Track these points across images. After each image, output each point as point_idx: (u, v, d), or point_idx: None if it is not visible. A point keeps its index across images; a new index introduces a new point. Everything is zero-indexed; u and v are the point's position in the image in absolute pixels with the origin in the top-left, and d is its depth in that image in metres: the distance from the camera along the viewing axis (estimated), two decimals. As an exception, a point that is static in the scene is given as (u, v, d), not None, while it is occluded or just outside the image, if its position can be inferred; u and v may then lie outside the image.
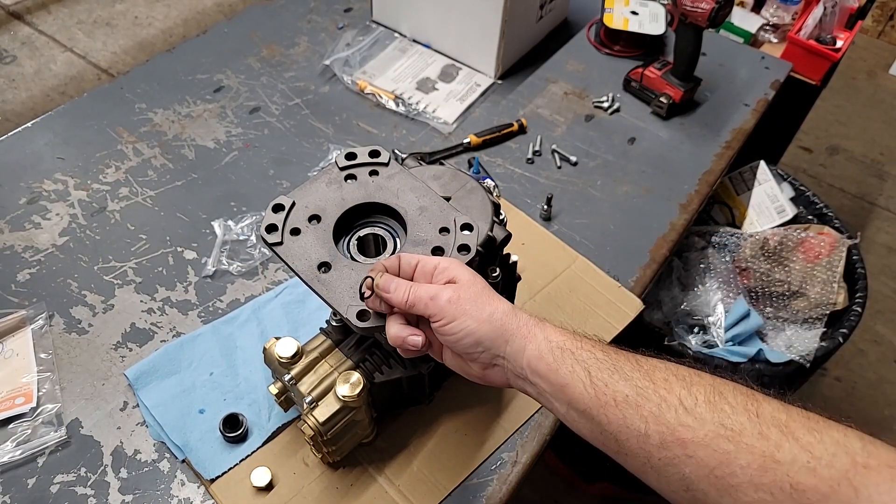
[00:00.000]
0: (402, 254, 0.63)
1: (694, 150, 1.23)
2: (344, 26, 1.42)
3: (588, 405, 0.51)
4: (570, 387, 0.52)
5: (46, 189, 1.07)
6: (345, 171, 0.73)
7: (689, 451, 0.45)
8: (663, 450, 0.46)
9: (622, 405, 0.49)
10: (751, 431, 0.44)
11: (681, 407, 0.46)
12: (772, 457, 0.42)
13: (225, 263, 0.99)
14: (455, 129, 1.23)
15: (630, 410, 0.48)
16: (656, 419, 0.47)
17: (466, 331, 0.56)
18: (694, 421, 0.46)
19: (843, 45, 1.66)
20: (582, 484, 1.76)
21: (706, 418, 0.45)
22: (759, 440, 0.43)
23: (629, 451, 0.49)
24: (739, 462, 0.43)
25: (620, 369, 0.51)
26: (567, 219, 1.09)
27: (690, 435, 0.45)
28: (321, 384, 0.71)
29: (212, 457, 0.79)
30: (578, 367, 0.52)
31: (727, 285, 1.35)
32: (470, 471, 0.80)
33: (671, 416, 0.46)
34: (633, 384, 0.49)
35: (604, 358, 0.52)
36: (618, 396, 0.49)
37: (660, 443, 0.46)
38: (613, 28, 1.36)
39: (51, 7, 2.45)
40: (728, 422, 0.44)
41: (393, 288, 0.59)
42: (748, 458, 0.43)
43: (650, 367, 0.51)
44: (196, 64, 1.30)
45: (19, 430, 0.81)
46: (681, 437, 0.46)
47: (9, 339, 0.89)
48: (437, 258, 0.61)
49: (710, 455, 0.44)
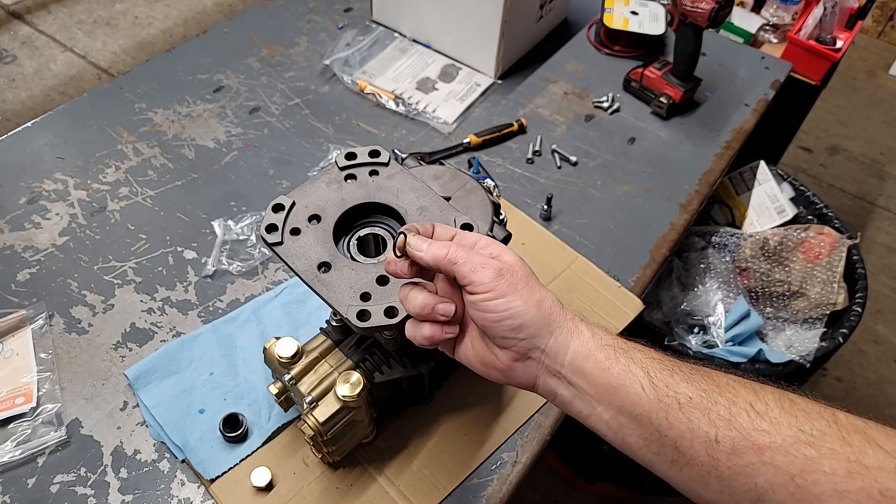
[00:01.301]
0: (437, 223, 0.57)
1: (694, 150, 1.23)
2: (344, 26, 1.42)
3: (646, 409, 0.47)
4: (625, 388, 0.47)
5: (46, 189, 1.07)
6: (345, 170, 0.73)
7: (766, 457, 0.42)
8: (735, 457, 0.43)
9: (687, 408, 0.45)
10: (832, 436, 0.41)
11: (752, 410, 0.43)
12: (858, 462, 0.39)
13: (225, 263, 0.99)
14: (455, 129, 1.23)
15: (696, 413, 0.44)
16: (727, 423, 0.43)
17: (513, 311, 0.50)
18: (769, 425, 0.42)
19: (843, 45, 1.66)
20: (582, 484, 1.76)
21: (782, 423, 0.42)
22: (843, 445, 0.40)
23: (692, 458, 0.45)
24: (823, 468, 0.40)
25: (680, 371, 0.47)
26: (567, 219, 1.09)
27: (768, 440, 0.42)
28: (321, 384, 0.71)
29: (212, 457, 0.79)
30: (635, 366, 0.48)
31: (727, 285, 1.35)
32: (470, 471, 0.80)
33: (744, 420, 0.43)
34: (697, 386, 0.46)
35: (661, 359, 0.48)
36: (681, 399, 0.45)
37: (731, 449, 0.43)
38: (613, 28, 1.36)
39: (51, 7, 2.45)
40: (806, 427, 0.41)
41: (427, 245, 0.52)
42: (833, 463, 0.40)
43: (707, 371, 0.47)
44: (196, 64, 1.30)
45: (19, 430, 0.81)
46: (756, 442, 0.42)
47: (9, 338, 0.89)
48: (476, 234, 0.55)
49: (790, 461, 0.41)
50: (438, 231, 0.56)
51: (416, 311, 0.54)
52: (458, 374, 0.87)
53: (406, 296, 0.56)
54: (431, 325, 0.55)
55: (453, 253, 0.51)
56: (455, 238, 0.55)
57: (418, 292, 0.55)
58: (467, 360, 0.57)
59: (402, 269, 0.55)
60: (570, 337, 0.51)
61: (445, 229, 0.57)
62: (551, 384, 0.53)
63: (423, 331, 0.55)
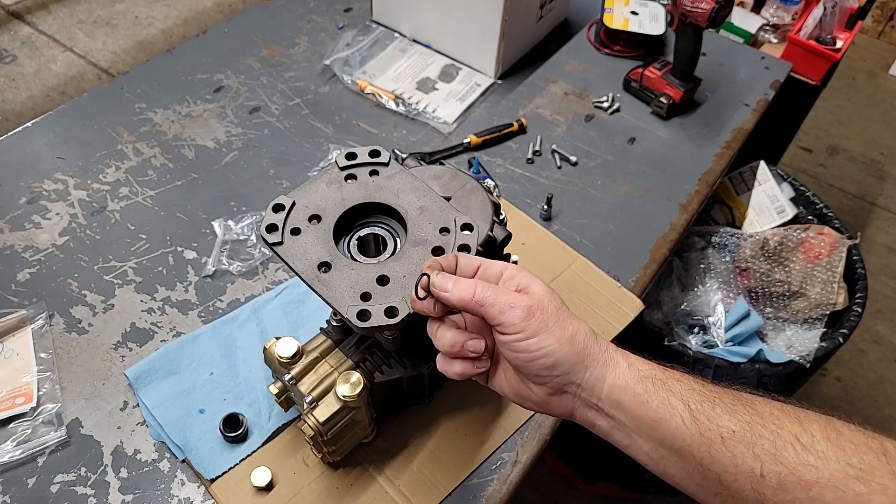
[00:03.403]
0: (460, 254, 0.56)
1: (694, 150, 1.23)
2: (344, 26, 1.42)
3: (688, 442, 0.46)
4: (665, 422, 0.47)
5: (46, 189, 1.07)
6: (345, 170, 0.73)
7: (814, 493, 0.41)
8: (781, 492, 0.42)
9: (730, 442, 0.44)
10: (882, 470, 0.40)
11: (798, 444, 0.42)
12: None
13: (225, 263, 0.99)
14: (455, 129, 1.23)
15: (740, 448, 0.44)
16: (773, 458, 0.43)
17: (546, 350, 0.49)
18: (817, 460, 0.41)
19: (843, 46, 1.66)
20: (582, 484, 1.76)
21: (829, 456, 0.41)
22: (893, 480, 0.40)
23: (736, 492, 0.44)
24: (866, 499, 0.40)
25: (722, 402, 0.46)
26: (567, 219, 1.09)
27: (815, 476, 0.41)
28: (321, 384, 0.71)
29: (212, 457, 0.79)
30: (675, 398, 0.47)
31: (727, 285, 1.35)
32: (470, 471, 0.80)
33: (790, 454, 0.42)
34: (740, 418, 0.45)
35: (701, 389, 0.47)
36: (724, 432, 0.44)
37: (777, 484, 0.42)
38: (613, 28, 1.36)
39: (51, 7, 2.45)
40: (855, 460, 0.41)
41: (452, 284, 0.51)
42: (883, 499, 0.39)
43: (749, 400, 0.46)
44: (196, 64, 1.30)
45: (19, 430, 0.81)
46: (803, 478, 0.41)
47: (9, 338, 0.89)
48: (502, 263, 0.54)
49: (838, 497, 0.40)
50: (462, 263, 0.55)
51: (446, 349, 0.54)
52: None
53: (434, 333, 0.55)
54: (462, 361, 0.54)
55: (480, 294, 0.50)
56: (479, 270, 0.54)
57: (446, 330, 0.54)
58: (502, 391, 0.56)
59: (427, 309, 0.54)
60: (605, 370, 0.50)
61: (469, 260, 0.55)
62: (589, 416, 0.52)
63: (455, 367, 0.54)
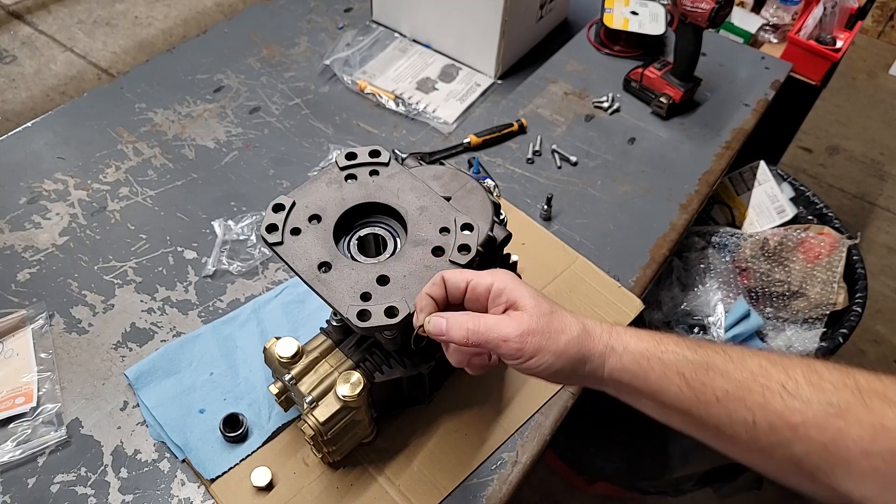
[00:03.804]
0: (445, 274, 0.58)
1: (694, 150, 1.23)
2: (344, 26, 1.42)
3: (686, 405, 0.51)
4: (664, 391, 0.52)
5: (46, 189, 1.07)
6: (345, 170, 0.73)
7: (801, 432, 0.46)
8: (772, 434, 0.48)
9: (724, 400, 0.49)
10: (856, 405, 0.45)
11: (784, 391, 0.47)
12: (881, 426, 0.44)
13: (225, 263, 0.99)
14: (455, 129, 1.23)
15: (734, 404, 0.49)
16: (763, 408, 0.48)
17: (545, 365, 0.54)
18: (801, 404, 0.47)
19: (843, 46, 1.66)
20: (582, 484, 1.76)
21: (812, 399, 0.47)
22: (867, 413, 0.45)
23: (732, 437, 0.50)
24: (851, 436, 0.45)
25: (713, 365, 0.50)
26: (567, 219, 1.09)
27: (801, 418, 0.46)
28: (321, 384, 0.71)
29: (212, 457, 0.79)
30: (670, 370, 0.51)
31: (727, 285, 1.35)
32: (470, 471, 0.80)
33: (778, 402, 0.47)
34: (731, 378, 0.50)
35: (693, 357, 0.51)
36: (718, 393, 0.49)
37: (768, 428, 0.48)
38: (613, 28, 1.36)
39: (51, 7, 2.45)
40: (834, 399, 0.46)
41: (446, 328, 0.55)
42: (859, 431, 0.45)
43: (739, 356, 0.51)
44: (196, 64, 1.30)
45: (19, 430, 0.81)
46: (790, 420, 0.47)
47: (9, 338, 0.89)
48: (487, 275, 0.56)
49: (821, 433, 0.46)
50: (451, 285, 0.58)
51: (455, 364, 0.59)
52: (458, 374, 0.87)
53: (446, 351, 0.59)
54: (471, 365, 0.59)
55: (472, 337, 0.54)
56: (468, 290, 0.57)
57: (453, 351, 0.58)
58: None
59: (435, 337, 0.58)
60: (603, 360, 0.54)
61: (457, 280, 0.57)
62: (597, 387, 0.57)
63: (469, 370, 0.60)
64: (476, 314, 0.55)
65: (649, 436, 1.47)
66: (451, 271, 0.59)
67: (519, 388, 0.87)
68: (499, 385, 0.88)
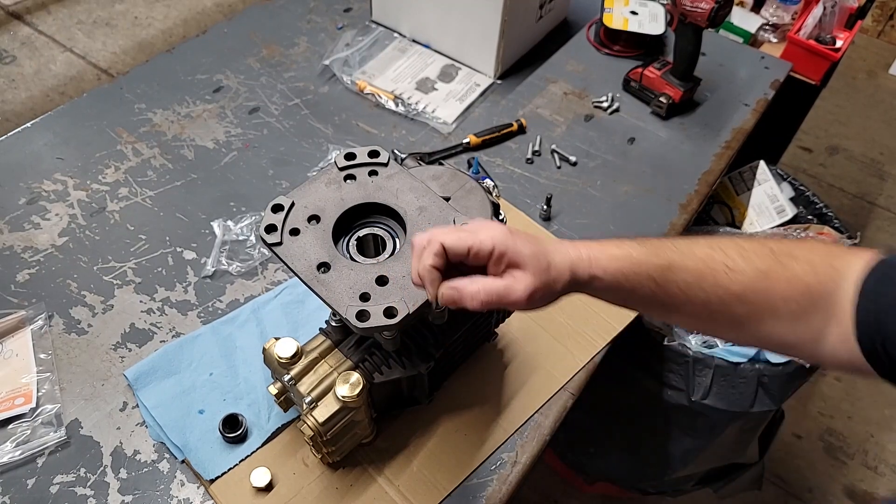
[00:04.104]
0: (444, 241, 0.58)
1: (694, 150, 1.23)
2: (344, 26, 1.42)
3: (657, 301, 0.62)
4: (638, 294, 0.62)
5: (46, 189, 1.07)
6: (344, 171, 0.73)
7: (743, 297, 0.59)
8: (721, 305, 0.60)
9: (686, 289, 0.60)
10: (775, 266, 0.59)
11: (727, 269, 0.59)
12: (793, 276, 0.58)
13: (224, 264, 0.99)
14: (454, 129, 1.23)
15: (693, 290, 0.60)
16: (714, 287, 0.60)
17: (544, 307, 0.61)
18: (739, 275, 0.59)
19: (842, 45, 1.66)
20: (582, 484, 1.76)
21: (746, 270, 0.59)
22: (783, 270, 0.58)
23: (691, 315, 0.62)
24: (776, 291, 0.59)
25: (673, 264, 0.61)
26: (567, 219, 1.09)
27: (740, 287, 0.59)
28: (321, 384, 0.71)
29: (211, 457, 0.79)
30: (642, 278, 0.61)
31: (727, 285, 1.34)
32: (470, 471, 0.80)
33: (724, 279, 0.59)
34: (688, 270, 0.60)
35: (657, 261, 0.61)
36: (681, 285, 0.60)
37: (719, 301, 0.60)
38: (613, 28, 1.36)
39: (51, 7, 2.45)
40: (760, 265, 0.59)
41: (459, 298, 0.58)
42: (781, 286, 0.58)
43: (688, 247, 0.62)
44: (196, 64, 1.30)
45: (19, 431, 0.81)
46: (733, 290, 0.59)
47: (8, 339, 0.89)
48: (487, 238, 0.58)
49: (756, 295, 0.59)
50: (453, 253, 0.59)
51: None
52: (457, 374, 0.87)
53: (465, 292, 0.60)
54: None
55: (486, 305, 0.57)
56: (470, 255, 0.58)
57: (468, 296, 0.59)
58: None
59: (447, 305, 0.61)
60: (588, 286, 0.62)
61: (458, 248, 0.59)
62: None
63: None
64: (485, 282, 0.58)
65: (649, 436, 1.47)
66: (447, 236, 0.58)
67: (519, 388, 0.87)
68: (499, 385, 0.88)
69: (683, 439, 1.41)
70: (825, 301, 0.58)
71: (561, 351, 0.92)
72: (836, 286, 0.57)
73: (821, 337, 0.59)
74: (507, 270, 0.58)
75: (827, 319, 0.58)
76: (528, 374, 0.89)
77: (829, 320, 0.58)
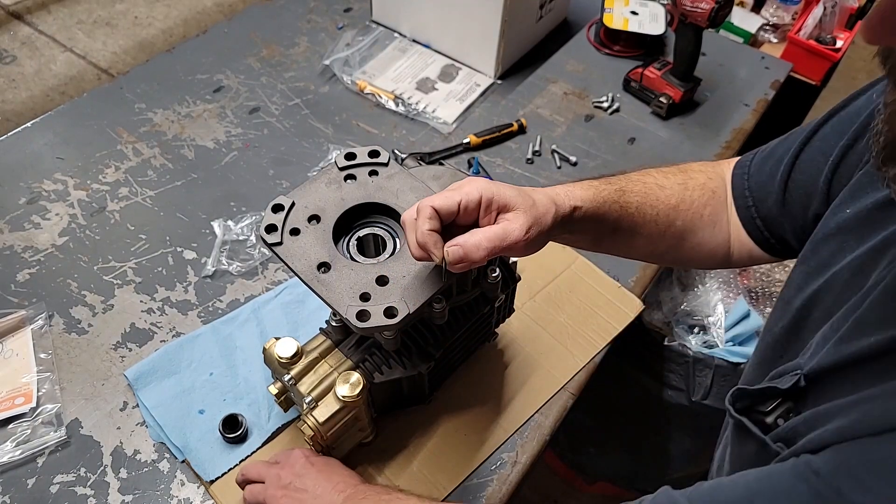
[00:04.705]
0: (434, 203, 0.59)
1: (694, 150, 1.23)
2: (344, 26, 1.42)
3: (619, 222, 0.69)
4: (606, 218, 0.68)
5: (46, 189, 1.07)
6: (344, 171, 0.73)
7: (679, 208, 0.72)
8: (665, 218, 0.72)
9: (638, 206, 0.70)
10: (686, 180, 0.74)
11: (658, 188, 0.72)
12: (701, 185, 0.75)
13: (224, 263, 0.99)
14: (455, 129, 1.23)
15: (643, 208, 0.70)
16: (656, 202, 0.72)
17: (540, 244, 0.64)
18: (670, 192, 0.73)
19: (843, 45, 1.66)
20: (582, 484, 1.76)
21: (672, 186, 0.73)
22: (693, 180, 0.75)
23: (649, 236, 0.72)
24: (693, 199, 0.73)
25: (627, 189, 0.70)
26: (567, 219, 1.09)
27: (675, 200, 0.72)
28: (321, 384, 0.71)
29: (211, 457, 0.79)
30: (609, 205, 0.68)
31: (727, 285, 1.35)
32: (470, 471, 0.80)
33: (662, 195, 0.72)
34: (637, 192, 0.71)
35: (616, 189, 0.69)
36: (634, 204, 0.70)
37: (664, 215, 0.72)
38: (613, 28, 1.36)
39: (51, 7, 2.45)
40: (679, 181, 0.74)
41: (464, 254, 0.58)
42: (698, 194, 0.73)
43: (638, 177, 0.73)
44: (196, 64, 1.30)
45: (19, 431, 0.81)
46: (671, 203, 0.72)
47: (8, 339, 0.89)
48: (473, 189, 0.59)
49: (680, 200, 0.72)
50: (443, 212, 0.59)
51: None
52: (457, 374, 0.87)
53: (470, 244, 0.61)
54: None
55: (491, 253, 0.59)
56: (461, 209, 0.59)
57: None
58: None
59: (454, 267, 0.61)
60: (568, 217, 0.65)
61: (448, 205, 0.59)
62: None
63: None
64: (483, 231, 0.59)
65: (649, 436, 1.47)
66: (434, 199, 0.59)
67: (519, 388, 0.87)
68: (499, 385, 0.88)
69: (683, 439, 1.41)
70: (724, 205, 0.73)
71: (561, 351, 0.92)
72: (725, 191, 0.73)
73: (728, 238, 0.73)
74: (498, 216, 0.60)
75: (727, 221, 0.73)
76: (528, 374, 0.89)
77: (729, 220, 0.72)
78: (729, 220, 0.74)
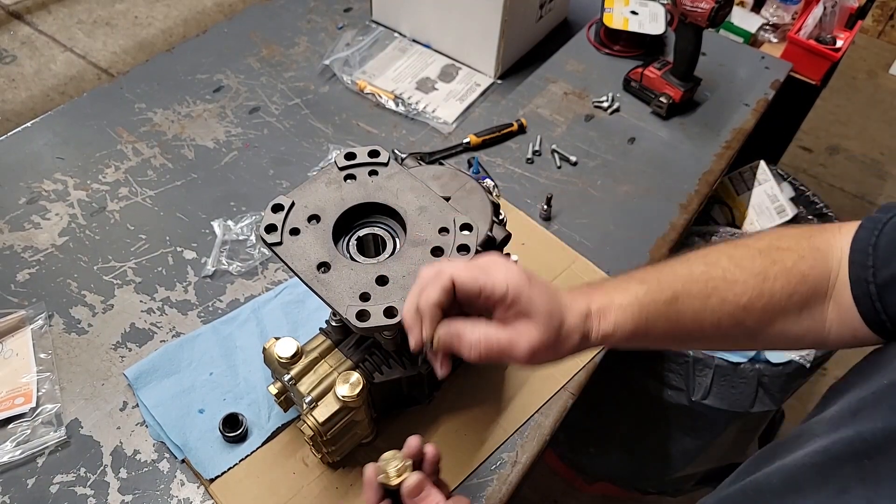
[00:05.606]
0: (456, 276, 0.54)
1: (694, 150, 1.23)
2: (344, 26, 1.42)
3: (670, 335, 0.61)
4: (651, 335, 0.60)
5: (46, 189, 1.07)
6: (344, 170, 0.73)
7: (749, 307, 0.59)
8: (732, 320, 0.60)
9: (694, 316, 0.60)
10: (764, 266, 0.59)
11: (727, 284, 0.59)
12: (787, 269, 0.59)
13: (224, 263, 0.99)
14: (455, 129, 1.23)
15: (702, 315, 0.60)
16: (721, 304, 0.59)
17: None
18: (743, 287, 0.59)
19: (843, 45, 1.66)
20: (582, 484, 1.76)
21: (746, 280, 0.59)
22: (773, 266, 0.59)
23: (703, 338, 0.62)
24: (776, 289, 0.58)
25: (677, 294, 0.59)
26: (567, 219, 1.09)
27: (746, 298, 0.59)
28: (321, 384, 0.71)
29: (211, 457, 0.79)
30: (652, 321, 0.59)
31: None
32: (470, 471, 0.80)
33: (729, 295, 0.59)
34: (693, 296, 0.59)
35: (663, 297, 0.59)
36: (689, 314, 0.60)
37: (730, 318, 0.60)
38: (613, 28, 1.36)
39: (51, 7, 2.45)
40: (756, 269, 0.59)
41: (457, 346, 0.54)
42: (775, 284, 0.58)
43: (686, 269, 0.61)
44: (196, 64, 1.30)
45: (19, 430, 0.81)
46: (741, 303, 0.59)
47: (8, 339, 0.89)
48: (501, 280, 0.53)
49: (759, 296, 0.58)
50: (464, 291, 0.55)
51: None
52: (458, 374, 0.87)
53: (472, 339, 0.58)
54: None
55: (486, 358, 0.54)
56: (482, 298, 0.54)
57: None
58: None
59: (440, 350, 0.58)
60: (599, 344, 0.60)
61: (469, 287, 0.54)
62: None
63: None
64: (487, 332, 0.54)
65: (649, 436, 1.47)
66: (460, 271, 0.54)
67: (519, 388, 0.87)
68: (499, 385, 0.88)
69: (683, 439, 1.41)
70: (820, 284, 0.59)
71: (561, 351, 0.91)
72: (825, 266, 0.59)
73: (824, 320, 0.60)
74: (514, 319, 0.54)
75: (826, 302, 0.60)
76: (527, 374, 0.89)
77: (828, 302, 0.59)
78: (829, 298, 0.60)
